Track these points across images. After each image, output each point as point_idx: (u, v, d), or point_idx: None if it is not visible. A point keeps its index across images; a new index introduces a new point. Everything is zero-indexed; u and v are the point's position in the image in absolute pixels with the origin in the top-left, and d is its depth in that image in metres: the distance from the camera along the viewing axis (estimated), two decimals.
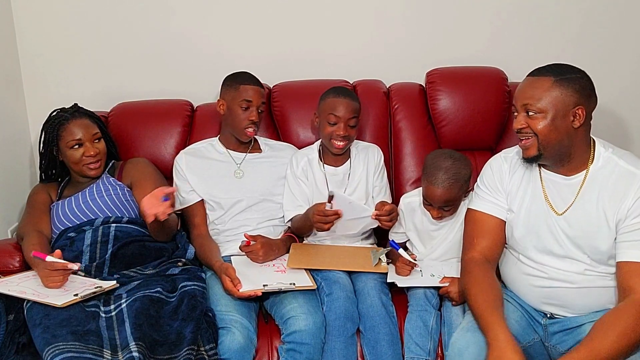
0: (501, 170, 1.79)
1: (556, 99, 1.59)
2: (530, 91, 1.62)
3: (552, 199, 1.70)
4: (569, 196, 1.67)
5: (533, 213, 1.72)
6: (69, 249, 1.97)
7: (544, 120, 1.60)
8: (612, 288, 1.64)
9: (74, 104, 2.20)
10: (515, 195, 1.75)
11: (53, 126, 2.12)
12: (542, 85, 1.60)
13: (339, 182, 2.18)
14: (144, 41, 2.51)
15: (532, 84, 1.63)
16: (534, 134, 1.62)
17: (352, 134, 2.11)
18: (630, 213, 1.59)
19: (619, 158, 1.65)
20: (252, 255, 2.03)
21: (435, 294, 1.96)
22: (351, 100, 2.10)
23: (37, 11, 2.45)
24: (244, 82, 2.15)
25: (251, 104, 2.13)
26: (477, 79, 2.42)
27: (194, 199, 2.18)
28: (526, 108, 1.62)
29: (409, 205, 2.12)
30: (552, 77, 1.60)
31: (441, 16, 2.54)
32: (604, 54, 2.58)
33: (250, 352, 1.83)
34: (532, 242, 1.72)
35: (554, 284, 1.69)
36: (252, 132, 2.16)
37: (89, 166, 2.11)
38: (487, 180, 1.81)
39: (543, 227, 1.70)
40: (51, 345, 1.55)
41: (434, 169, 1.94)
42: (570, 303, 1.69)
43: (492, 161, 1.84)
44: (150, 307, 1.74)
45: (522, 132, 1.65)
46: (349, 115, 2.07)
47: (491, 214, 1.78)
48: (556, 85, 1.59)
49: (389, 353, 1.85)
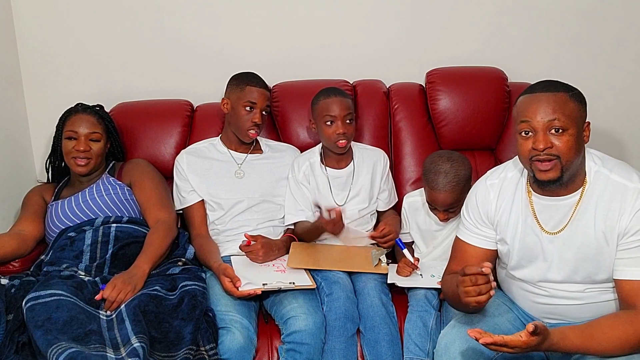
0: (487, 201, 1.70)
1: (576, 114, 1.51)
2: (553, 107, 1.50)
3: (544, 224, 1.62)
4: (563, 217, 1.59)
5: (527, 242, 1.64)
6: (69, 249, 1.97)
7: (569, 137, 1.50)
8: (613, 301, 1.61)
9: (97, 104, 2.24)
10: (506, 226, 1.67)
11: (63, 116, 2.16)
12: (561, 100, 1.50)
13: (342, 184, 2.18)
14: (143, 41, 2.51)
15: (550, 99, 1.51)
16: (556, 155, 1.50)
17: (350, 131, 2.10)
18: (628, 230, 1.52)
19: (610, 171, 1.56)
20: (252, 255, 2.03)
21: (436, 295, 1.96)
22: (342, 97, 2.10)
23: (37, 11, 2.44)
24: (250, 84, 2.15)
25: (255, 105, 2.13)
26: (477, 79, 2.42)
27: (194, 199, 2.18)
28: (551, 125, 1.50)
29: (412, 205, 2.12)
30: (566, 92, 1.52)
31: (441, 16, 2.54)
32: (603, 54, 2.58)
33: (250, 352, 1.83)
34: (528, 271, 1.67)
35: (555, 302, 1.66)
36: (255, 133, 2.16)
37: (76, 161, 2.11)
38: (472, 212, 1.73)
39: (539, 256, 1.64)
40: (54, 345, 1.55)
41: (433, 173, 1.93)
42: (572, 317, 1.66)
43: (477, 190, 1.74)
44: (149, 303, 1.74)
45: (543, 154, 1.51)
46: (344, 112, 2.07)
47: (476, 245, 1.73)
48: (572, 100, 1.51)
49: (389, 353, 1.85)
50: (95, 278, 1.88)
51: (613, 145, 2.58)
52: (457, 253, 1.76)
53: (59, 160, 2.23)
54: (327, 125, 2.08)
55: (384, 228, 2.03)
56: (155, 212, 2.10)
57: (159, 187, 2.18)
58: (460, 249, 1.75)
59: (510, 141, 2.41)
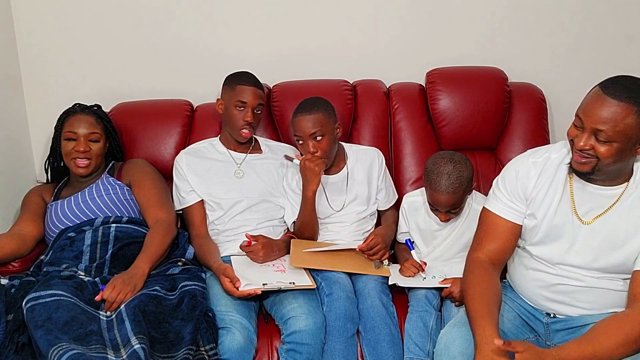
0: (528, 177, 1.70)
1: (632, 130, 1.47)
2: (607, 116, 1.46)
3: (579, 208, 1.64)
4: (600, 206, 1.61)
5: (556, 222, 1.66)
6: (69, 249, 1.97)
7: (612, 147, 1.49)
8: (622, 292, 1.62)
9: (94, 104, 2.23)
10: (540, 203, 1.68)
11: (62, 117, 2.16)
12: (621, 113, 1.46)
13: (337, 189, 2.17)
14: (143, 41, 2.51)
15: (610, 107, 1.46)
16: (595, 156, 1.52)
17: (322, 148, 2.02)
18: None
19: None
20: (253, 255, 2.03)
21: (437, 295, 1.96)
22: (309, 113, 2.01)
23: (37, 11, 2.44)
24: (241, 83, 2.14)
25: (246, 104, 2.12)
26: (477, 79, 2.42)
27: (194, 199, 2.18)
28: (596, 132, 1.49)
29: (412, 205, 2.12)
30: (634, 107, 1.45)
31: (441, 16, 2.54)
32: (603, 54, 2.58)
33: (250, 352, 1.83)
34: (549, 250, 1.68)
35: (565, 281, 1.67)
36: (248, 133, 2.15)
37: (76, 162, 2.11)
38: (509, 185, 1.73)
39: (564, 236, 1.65)
40: (55, 345, 1.55)
41: (436, 175, 1.93)
42: (577, 300, 1.67)
43: (519, 165, 1.73)
44: (148, 303, 1.74)
45: (583, 152, 1.53)
46: (310, 131, 2.00)
47: (506, 218, 1.73)
48: (636, 116, 1.45)
49: (389, 354, 1.85)
50: (95, 278, 1.87)
51: None
52: (487, 227, 1.76)
53: (58, 161, 2.23)
54: (299, 144, 2.07)
55: (372, 239, 2.01)
56: (155, 212, 2.10)
57: (159, 187, 2.18)
58: (491, 223, 1.75)
59: (510, 141, 2.42)
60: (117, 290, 1.76)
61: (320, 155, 2.02)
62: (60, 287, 1.72)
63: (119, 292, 1.76)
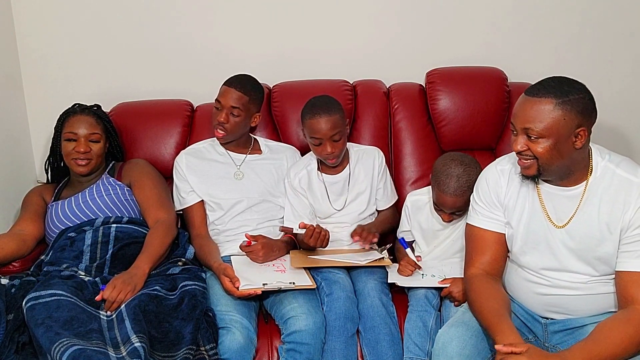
0: (498, 185, 1.73)
1: (559, 123, 1.51)
2: (532, 114, 1.53)
3: (550, 212, 1.65)
4: (569, 208, 1.63)
5: (532, 228, 1.67)
6: (70, 249, 1.97)
7: (546, 144, 1.53)
8: (614, 294, 1.62)
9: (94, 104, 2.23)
10: (513, 210, 1.70)
11: (61, 117, 2.16)
12: (543, 108, 1.51)
13: (339, 189, 2.17)
14: (143, 41, 2.51)
15: (532, 106, 1.53)
16: (534, 157, 1.56)
17: (339, 147, 2.05)
18: (632, 224, 1.55)
19: (616, 166, 1.60)
20: (253, 255, 2.03)
21: (436, 295, 1.96)
22: (328, 115, 2.01)
23: (37, 11, 2.44)
24: (226, 83, 2.14)
25: (220, 105, 2.12)
26: (477, 79, 2.42)
27: (194, 199, 2.18)
28: (527, 132, 1.55)
29: (416, 204, 2.12)
30: (553, 100, 1.51)
31: (441, 16, 2.54)
32: (603, 54, 2.58)
33: (250, 352, 1.83)
34: (531, 257, 1.69)
35: (557, 292, 1.67)
36: (220, 134, 2.14)
37: (76, 162, 2.11)
38: (483, 195, 1.76)
39: (542, 242, 1.66)
40: (57, 342, 1.55)
41: (445, 176, 1.92)
42: (573, 309, 1.67)
43: (488, 174, 1.77)
44: (149, 303, 1.74)
45: (522, 154, 1.59)
46: (331, 133, 2.01)
47: (489, 229, 1.74)
48: (559, 108, 1.51)
49: (389, 353, 1.85)
50: (95, 278, 1.88)
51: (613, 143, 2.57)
52: (474, 242, 1.76)
53: (58, 161, 2.23)
54: (315, 145, 2.07)
55: (356, 229, 2.03)
56: (155, 212, 2.10)
57: (159, 187, 2.18)
58: (477, 237, 1.76)
59: (510, 141, 2.41)
60: (118, 290, 1.76)
61: (337, 155, 2.05)
62: (60, 286, 1.73)
63: (120, 292, 1.76)
